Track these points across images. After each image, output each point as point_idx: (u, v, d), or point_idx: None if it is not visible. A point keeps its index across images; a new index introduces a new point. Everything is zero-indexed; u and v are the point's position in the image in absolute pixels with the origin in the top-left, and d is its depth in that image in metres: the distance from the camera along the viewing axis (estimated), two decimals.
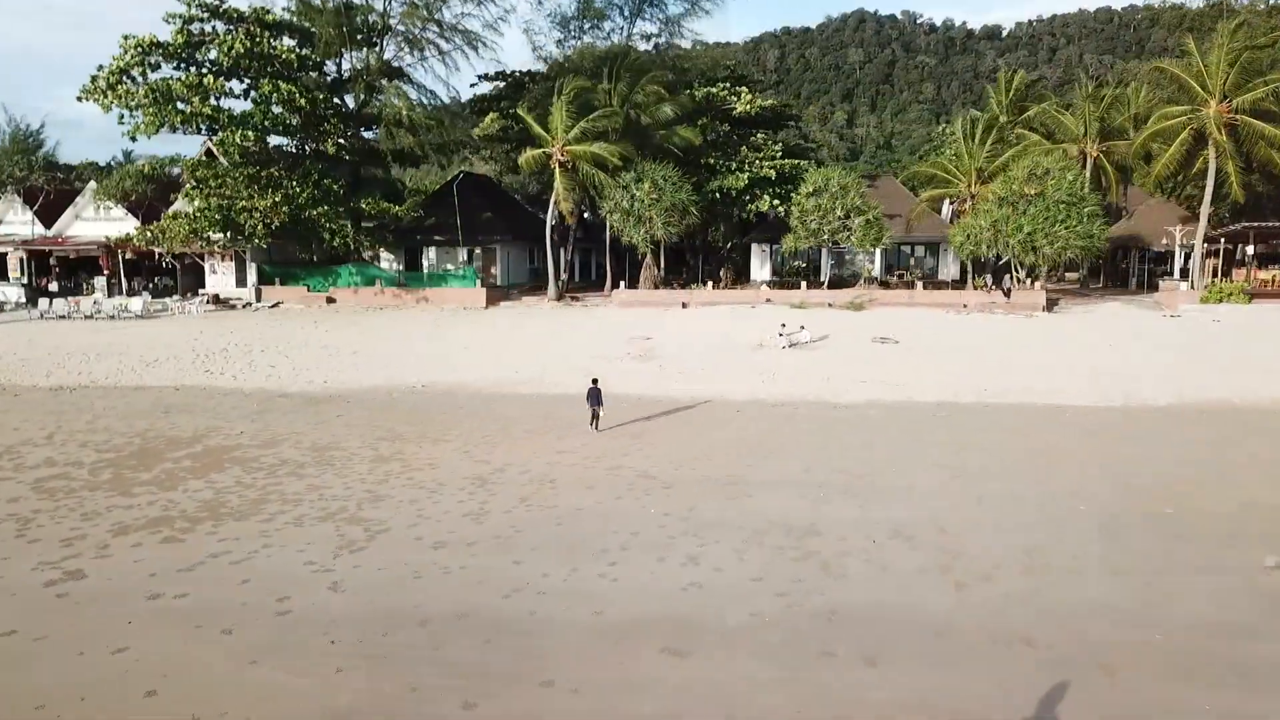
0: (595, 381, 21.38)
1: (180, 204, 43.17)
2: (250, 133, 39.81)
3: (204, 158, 41.97)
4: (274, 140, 44.33)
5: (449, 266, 48.81)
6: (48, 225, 49.93)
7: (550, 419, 22.83)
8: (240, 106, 42.07)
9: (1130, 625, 10.77)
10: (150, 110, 38.95)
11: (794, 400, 24.96)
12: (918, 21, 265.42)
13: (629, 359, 31.01)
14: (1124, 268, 57.12)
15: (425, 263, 51.11)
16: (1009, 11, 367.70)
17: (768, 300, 43.40)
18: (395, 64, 46.98)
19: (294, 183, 40.85)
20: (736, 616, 11.27)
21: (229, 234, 41.16)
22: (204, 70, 41.05)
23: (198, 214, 40.51)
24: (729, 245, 63.40)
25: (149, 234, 40.60)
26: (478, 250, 50.30)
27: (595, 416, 21.06)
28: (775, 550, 13.64)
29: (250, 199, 40.32)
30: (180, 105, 39.71)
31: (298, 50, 42.15)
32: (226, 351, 32.47)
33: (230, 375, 28.98)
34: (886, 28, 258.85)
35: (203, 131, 41.34)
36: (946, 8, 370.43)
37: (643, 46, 51.08)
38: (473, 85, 61.90)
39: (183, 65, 41.10)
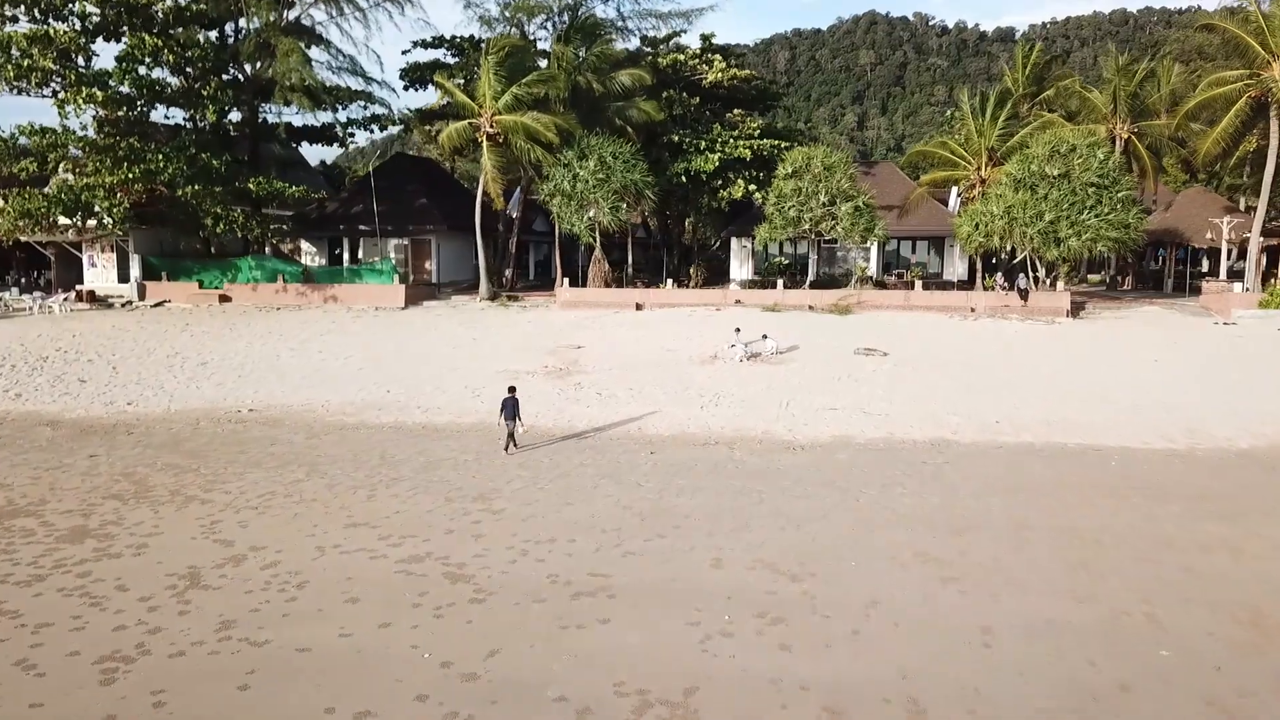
0: (512, 390, 17.40)
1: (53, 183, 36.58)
2: (99, 92, 33.20)
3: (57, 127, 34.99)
4: (156, 111, 37.67)
5: (376, 260, 42.34)
6: None
7: (383, 463, 16.41)
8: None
9: None
10: None
11: (734, 435, 18.40)
12: (930, 23, 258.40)
13: (543, 374, 24.42)
14: (1157, 267, 50.01)
15: (348, 256, 44.60)
16: (1022, 15, 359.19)
17: (737, 302, 36.66)
18: (304, 23, 40.40)
19: (159, 157, 34.03)
20: None
21: (79, 218, 34.49)
22: (75, 27, 34.50)
23: (54, 193, 33.86)
24: (716, 243, 56.71)
25: None
26: (407, 242, 43.64)
27: (510, 435, 17.05)
28: None
29: (96, 174, 33.62)
30: (25, 61, 33.23)
31: (180, 2, 35.48)
32: (46, 360, 25.98)
33: (14, 394, 22.52)
34: (898, 29, 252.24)
35: (56, 95, 34.66)
36: (959, 9, 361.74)
37: (600, 10, 44.21)
38: (405, 53, 55.28)
39: (42, 19, 34.63)
